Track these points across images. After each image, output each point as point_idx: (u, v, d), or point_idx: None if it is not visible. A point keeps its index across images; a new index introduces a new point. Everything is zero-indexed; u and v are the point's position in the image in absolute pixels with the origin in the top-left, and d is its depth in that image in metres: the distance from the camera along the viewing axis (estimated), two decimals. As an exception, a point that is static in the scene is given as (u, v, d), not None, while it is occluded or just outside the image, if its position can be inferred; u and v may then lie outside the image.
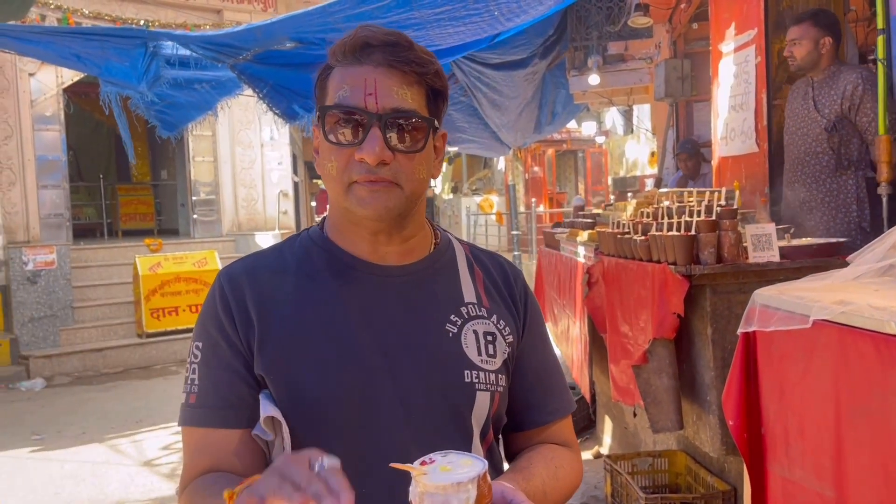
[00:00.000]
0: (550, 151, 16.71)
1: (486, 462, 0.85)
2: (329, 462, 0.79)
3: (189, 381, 1.09)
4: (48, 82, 9.32)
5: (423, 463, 0.84)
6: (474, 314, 1.14)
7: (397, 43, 1.04)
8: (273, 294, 1.09)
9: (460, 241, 1.27)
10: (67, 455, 5.31)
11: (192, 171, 11.03)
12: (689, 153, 5.88)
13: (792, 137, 3.39)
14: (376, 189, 1.03)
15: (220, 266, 9.25)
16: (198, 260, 9.29)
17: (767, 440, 2.16)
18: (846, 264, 2.21)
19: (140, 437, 5.72)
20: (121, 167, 14.94)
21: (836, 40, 3.27)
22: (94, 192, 13.22)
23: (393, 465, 0.85)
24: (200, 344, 1.09)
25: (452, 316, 1.13)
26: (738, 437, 2.17)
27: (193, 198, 11.07)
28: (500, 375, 1.13)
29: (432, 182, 1.16)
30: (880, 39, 3.01)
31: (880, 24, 3.03)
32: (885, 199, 2.87)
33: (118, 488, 4.62)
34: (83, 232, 12.01)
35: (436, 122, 1.08)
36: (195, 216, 11.07)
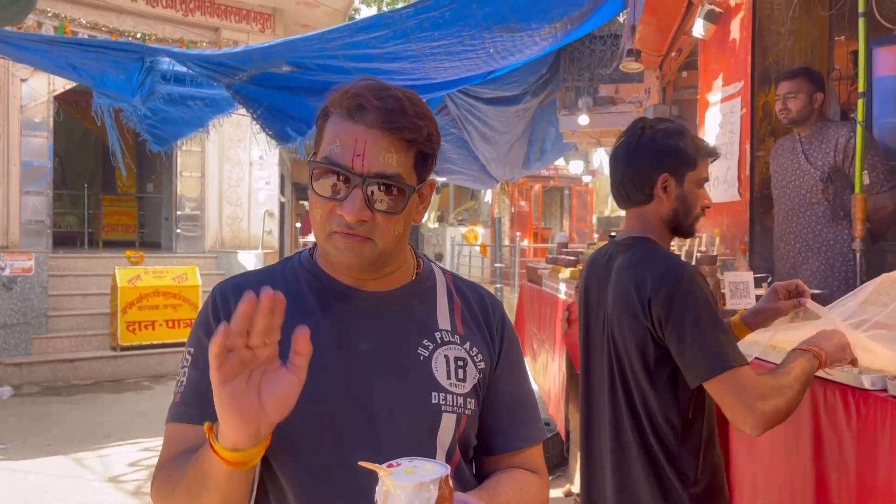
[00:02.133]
0: (538, 187, 16.87)
1: (449, 468, 0.91)
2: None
3: (178, 384, 1.16)
4: (39, 89, 9.31)
5: (389, 466, 0.90)
6: (447, 340, 1.20)
7: (392, 109, 1.08)
8: None
9: (444, 270, 1.32)
10: (32, 466, 5.21)
11: (179, 186, 10.99)
12: None
13: (783, 191, 3.44)
14: (352, 242, 1.10)
15: (200, 282, 9.19)
16: (178, 275, 9.22)
17: (735, 489, 2.18)
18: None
19: (107, 451, 5.62)
20: (106, 177, 14.86)
21: (824, 96, 3.37)
22: (78, 201, 13.12)
23: (361, 463, 0.90)
24: (192, 349, 1.16)
25: (425, 341, 1.18)
26: (708, 483, 2.18)
27: (178, 212, 11.02)
28: (468, 399, 1.17)
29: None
30: (860, 102, 3.10)
31: (861, 87, 3.13)
32: (858, 255, 2.94)
33: (82, 503, 4.53)
34: (64, 240, 11.89)
35: (418, 188, 1.14)
36: (179, 231, 11.02)
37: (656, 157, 1.87)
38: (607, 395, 1.96)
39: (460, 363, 1.18)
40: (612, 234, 3.10)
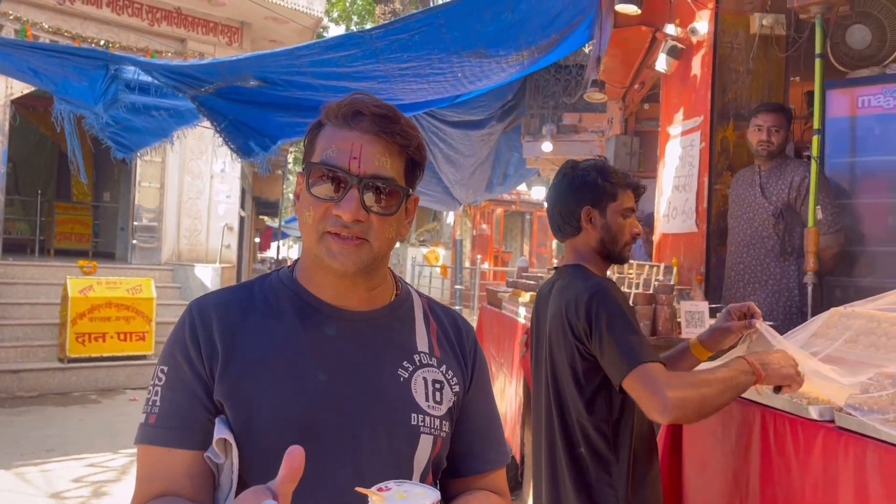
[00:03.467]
0: (499, 211, 17.01)
1: (438, 493, 0.92)
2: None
3: (150, 403, 1.13)
4: (-4, 92, 9.10)
5: (380, 489, 0.91)
6: (425, 362, 1.22)
7: (386, 115, 1.14)
8: (239, 328, 1.16)
9: (420, 294, 1.35)
10: (-31, 481, 5.02)
11: (137, 196, 10.80)
12: (650, 227, 6.09)
13: (738, 221, 3.55)
14: (348, 247, 1.11)
15: (154, 295, 9.01)
16: (132, 286, 9.02)
17: (688, 513, 2.22)
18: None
19: (50, 466, 5.44)
20: (61, 184, 14.52)
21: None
22: (31, 208, 12.78)
23: (358, 489, 0.91)
24: (166, 368, 1.14)
25: (405, 362, 1.20)
26: (661, 509, 2.21)
27: (135, 223, 10.81)
28: (444, 422, 1.19)
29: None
30: (815, 139, 3.22)
31: (816, 124, 3.25)
32: (810, 288, 3.03)
33: (20, 520, 4.38)
34: (13, 247, 11.55)
35: (410, 190, 1.17)
36: (134, 241, 10.80)
37: (579, 193, 2.07)
38: (544, 411, 2.10)
39: (437, 386, 1.20)
40: (556, 264, 3.18)
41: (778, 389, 1.83)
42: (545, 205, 2.28)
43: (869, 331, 2.00)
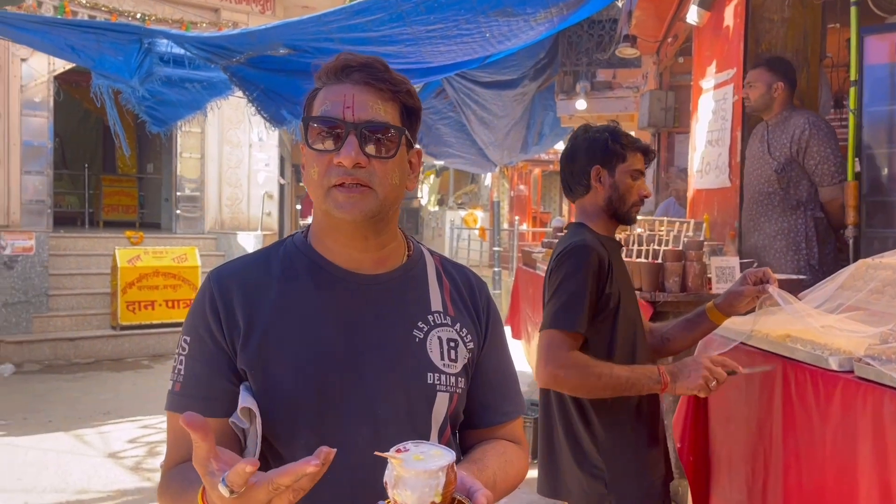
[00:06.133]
0: (537, 171, 16.88)
1: (454, 454, 0.94)
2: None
3: (176, 371, 1.18)
4: (39, 68, 9.31)
5: (398, 450, 0.94)
6: (440, 322, 1.24)
7: (373, 65, 1.17)
8: (258, 296, 1.19)
9: (432, 252, 1.37)
10: (32, 442, 5.30)
11: (179, 167, 11.02)
12: (685, 181, 6.01)
13: (749, 178, 3.53)
14: (353, 195, 1.13)
15: (199, 263, 9.25)
16: (178, 255, 9.28)
17: (713, 464, 2.25)
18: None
19: (106, 429, 5.70)
20: (106, 158, 14.86)
21: (789, 86, 3.42)
22: (78, 181, 13.15)
23: (377, 453, 0.94)
24: (188, 338, 1.18)
25: (420, 323, 1.23)
26: (685, 460, 2.26)
27: (178, 193, 11.05)
28: (459, 378, 1.23)
29: (418, 193, 1.26)
30: (852, 91, 3.15)
31: (853, 75, 3.17)
32: (850, 242, 3.00)
33: (81, 478, 4.62)
34: (64, 220, 11.92)
35: (407, 133, 1.19)
36: (178, 212, 11.05)
37: (589, 152, 2.14)
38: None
39: (452, 344, 1.23)
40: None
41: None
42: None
43: (895, 282, 1.99)
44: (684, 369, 1.90)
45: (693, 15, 4.20)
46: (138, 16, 9.20)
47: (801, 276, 3.11)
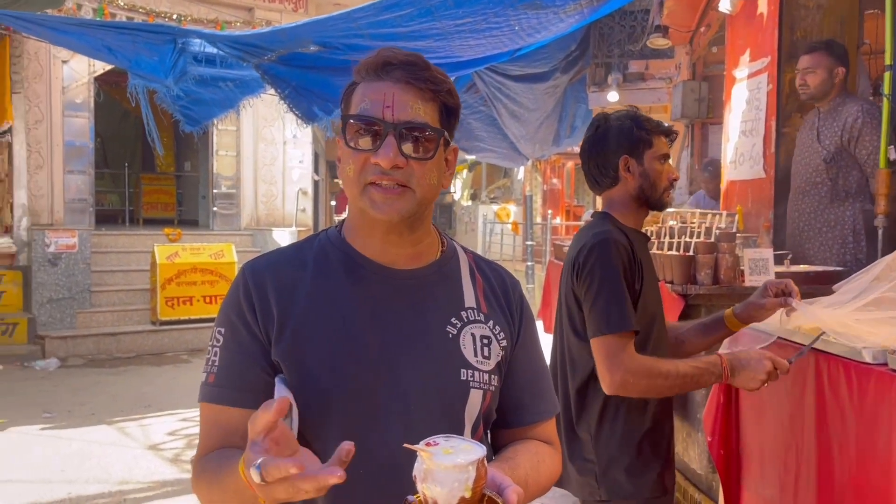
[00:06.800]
0: (570, 164, 16.74)
1: (485, 448, 0.93)
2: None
3: (210, 363, 1.19)
4: (80, 70, 9.54)
5: (427, 444, 0.93)
6: (473, 318, 1.23)
7: (415, 63, 1.15)
8: (292, 288, 1.19)
9: (465, 249, 1.36)
10: (76, 434, 5.45)
11: (215, 165, 11.20)
12: (711, 174, 5.93)
13: (797, 167, 3.44)
14: (390, 195, 1.13)
15: (236, 259, 9.40)
16: (215, 252, 9.44)
17: (744, 459, 2.22)
18: (832, 292, 2.27)
19: (147, 421, 5.84)
20: (146, 156, 15.18)
21: (847, 71, 3.32)
22: (119, 180, 13.46)
23: (406, 445, 0.94)
24: (223, 329, 1.19)
25: (453, 319, 1.22)
26: (716, 454, 2.23)
27: (214, 190, 11.24)
28: (492, 376, 1.22)
29: (451, 188, 1.26)
30: (887, 75, 3.06)
31: (888, 59, 3.09)
32: (880, 232, 2.92)
33: (122, 469, 4.74)
34: (105, 218, 12.21)
35: (446, 133, 1.19)
36: (215, 209, 11.24)
37: (615, 143, 2.05)
38: (558, 353, 2.13)
39: (485, 341, 1.22)
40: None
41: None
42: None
43: (932, 272, 1.94)
44: (747, 363, 1.85)
45: (726, 3, 4.14)
46: (174, 16, 9.38)
47: (839, 268, 3.05)
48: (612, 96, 6.84)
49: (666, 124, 2.13)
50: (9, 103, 8.80)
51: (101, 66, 9.45)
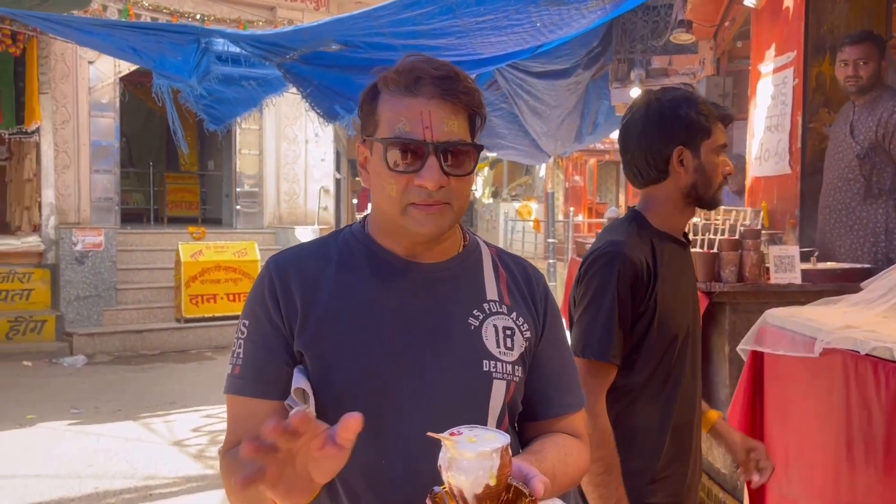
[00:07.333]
0: (592, 161, 16.66)
1: (509, 437, 0.93)
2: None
3: (235, 355, 1.21)
4: (106, 70, 9.66)
5: (452, 434, 0.93)
6: (495, 310, 1.24)
7: (447, 76, 1.14)
8: (316, 282, 1.20)
9: (487, 244, 1.37)
10: (103, 430, 5.53)
11: (238, 163, 11.29)
12: (735, 170, 5.86)
13: (829, 162, 3.37)
14: (432, 213, 1.14)
15: (259, 257, 9.47)
16: (238, 250, 9.53)
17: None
18: (860, 290, 2.24)
19: (172, 417, 5.91)
20: (170, 156, 15.35)
21: (886, 64, 3.25)
22: (144, 179, 13.62)
23: (430, 434, 0.94)
24: (247, 322, 1.21)
25: (475, 311, 1.22)
26: (740, 453, 2.20)
27: (237, 189, 11.33)
28: (516, 367, 1.22)
29: (472, 186, 1.27)
30: (916, 68, 3.01)
31: (917, 52, 3.03)
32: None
33: (148, 465, 4.80)
34: (131, 217, 12.37)
35: (481, 146, 1.19)
36: (238, 207, 11.33)
37: (668, 131, 1.72)
38: None
39: (508, 332, 1.23)
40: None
41: None
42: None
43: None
44: None
45: (751, -3, 4.08)
46: (198, 16, 9.46)
47: (867, 265, 3.00)
48: (635, 92, 6.76)
49: (723, 107, 1.85)
50: (37, 104, 8.94)
51: (127, 67, 9.57)
